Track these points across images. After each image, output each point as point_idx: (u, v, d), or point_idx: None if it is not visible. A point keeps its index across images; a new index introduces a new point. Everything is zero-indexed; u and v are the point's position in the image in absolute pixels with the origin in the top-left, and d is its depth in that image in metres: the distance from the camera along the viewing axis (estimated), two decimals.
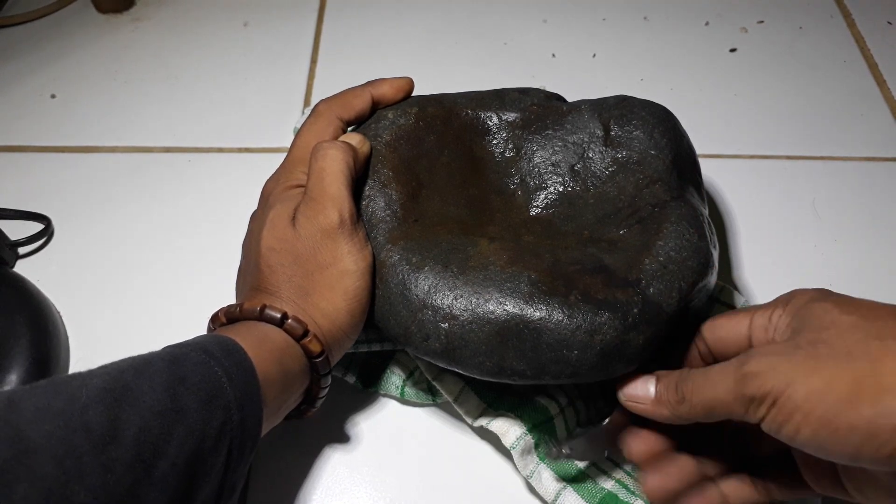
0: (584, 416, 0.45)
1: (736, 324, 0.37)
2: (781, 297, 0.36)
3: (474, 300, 0.38)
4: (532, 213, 0.45)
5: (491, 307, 0.38)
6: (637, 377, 0.38)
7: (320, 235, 0.39)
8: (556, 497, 0.41)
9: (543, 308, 0.37)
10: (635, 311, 0.37)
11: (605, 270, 0.39)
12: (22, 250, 0.54)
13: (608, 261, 0.40)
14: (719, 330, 0.38)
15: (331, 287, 0.39)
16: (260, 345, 0.36)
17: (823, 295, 0.34)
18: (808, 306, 0.34)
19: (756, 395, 0.32)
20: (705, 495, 0.38)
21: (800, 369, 0.31)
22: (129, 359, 0.33)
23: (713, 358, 0.39)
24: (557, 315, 0.37)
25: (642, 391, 0.38)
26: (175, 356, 0.33)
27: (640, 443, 0.39)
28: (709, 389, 0.34)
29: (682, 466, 0.38)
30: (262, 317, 0.38)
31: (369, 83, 0.47)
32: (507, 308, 0.37)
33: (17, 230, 0.54)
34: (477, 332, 0.38)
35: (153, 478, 0.30)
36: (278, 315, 0.38)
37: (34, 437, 0.28)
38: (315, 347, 0.38)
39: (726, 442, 0.39)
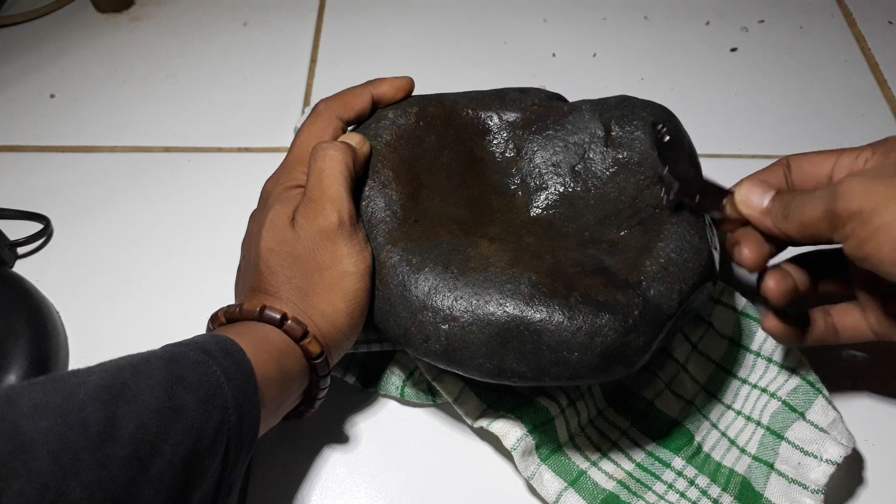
0: (585, 417, 0.45)
1: (821, 161, 0.38)
2: (874, 142, 0.37)
3: (475, 302, 0.38)
4: (532, 213, 0.45)
5: (491, 309, 0.38)
6: (759, 183, 0.39)
7: (319, 237, 0.39)
8: (558, 498, 0.41)
9: (544, 310, 0.37)
10: (636, 312, 0.37)
11: (605, 272, 0.39)
12: (21, 250, 0.54)
13: (609, 262, 0.40)
14: (804, 163, 0.39)
15: (330, 289, 0.39)
16: (259, 345, 0.36)
17: None
18: None
19: (844, 213, 0.33)
20: (785, 324, 0.40)
21: (892, 191, 0.32)
22: (128, 357, 0.33)
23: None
24: (558, 317, 0.37)
25: (757, 199, 0.38)
26: (174, 355, 0.33)
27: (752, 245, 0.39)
28: (807, 207, 0.35)
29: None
30: (261, 317, 0.38)
31: (369, 83, 0.47)
32: (507, 310, 0.37)
33: (16, 230, 0.54)
34: (477, 334, 0.38)
35: (149, 476, 0.30)
36: (278, 316, 0.37)
37: (31, 433, 0.28)
38: (314, 348, 0.38)
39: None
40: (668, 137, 0.43)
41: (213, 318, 0.39)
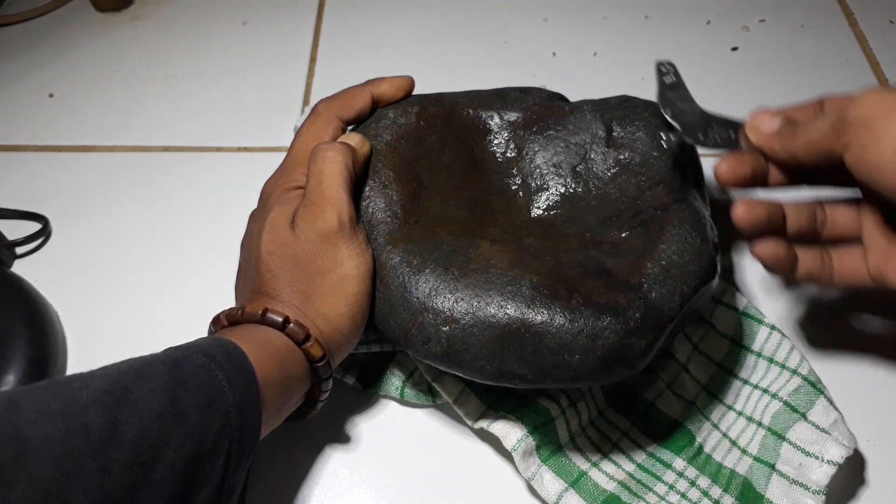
0: (586, 418, 0.45)
1: None
2: None
3: (475, 303, 0.38)
4: (533, 214, 0.45)
5: (492, 311, 0.37)
6: (771, 111, 0.40)
7: (319, 240, 0.39)
8: (558, 499, 0.41)
9: (545, 312, 0.37)
10: (637, 315, 0.37)
11: (606, 273, 0.39)
12: (19, 250, 0.54)
13: (610, 264, 0.40)
14: (836, 100, 0.40)
15: (331, 292, 0.39)
16: (261, 348, 0.36)
17: None
18: None
19: (851, 121, 0.34)
20: (778, 243, 0.39)
21: None
22: (130, 360, 0.33)
23: None
24: (559, 319, 0.37)
25: (768, 123, 0.40)
26: (176, 359, 0.33)
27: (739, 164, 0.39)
28: (817, 124, 0.36)
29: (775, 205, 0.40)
30: (263, 320, 0.38)
31: (369, 82, 0.46)
32: (508, 312, 0.37)
33: (14, 230, 0.54)
34: (478, 336, 0.37)
35: (151, 480, 0.30)
36: (280, 319, 0.37)
37: (33, 438, 0.28)
38: (316, 352, 0.38)
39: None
40: (672, 79, 0.43)
41: (215, 321, 0.39)
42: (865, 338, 0.49)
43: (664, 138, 0.43)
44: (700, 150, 0.47)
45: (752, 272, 0.52)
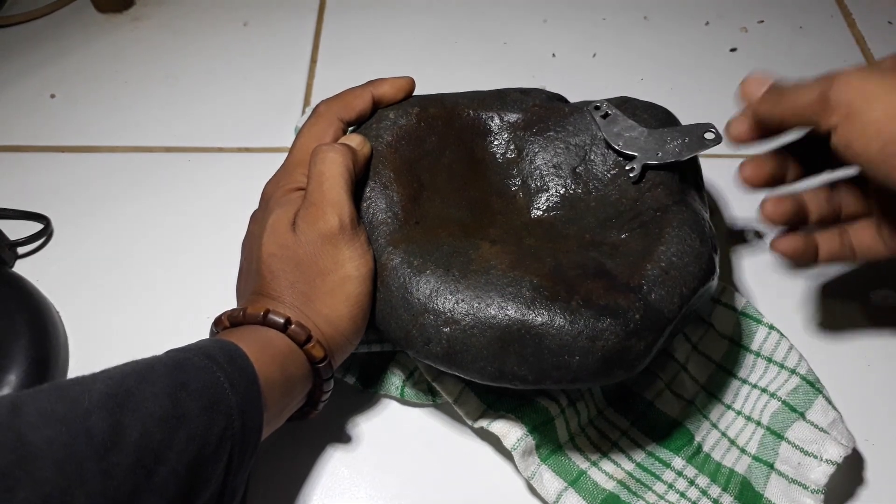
0: (585, 417, 0.45)
1: None
2: None
3: (476, 305, 0.38)
4: (533, 215, 0.45)
5: (492, 312, 0.38)
6: (763, 75, 0.41)
7: (321, 241, 0.39)
8: (558, 498, 0.41)
9: (545, 313, 0.37)
10: (637, 317, 0.37)
11: (606, 275, 0.39)
12: (21, 250, 0.54)
13: (610, 265, 0.40)
14: None
15: (332, 293, 0.39)
16: (263, 350, 0.36)
17: None
18: None
19: (835, 102, 0.34)
20: (797, 237, 0.41)
21: (886, 89, 0.33)
22: (132, 363, 0.33)
23: None
24: (559, 320, 0.37)
25: (757, 87, 0.40)
26: (178, 361, 0.33)
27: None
28: (802, 91, 0.37)
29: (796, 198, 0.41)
30: (265, 322, 0.38)
31: (370, 83, 0.47)
32: (508, 313, 0.37)
33: (16, 230, 0.54)
34: (478, 337, 0.38)
35: (153, 483, 0.30)
36: (281, 320, 0.37)
37: (36, 442, 0.28)
38: (318, 353, 0.38)
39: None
40: (608, 112, 0.45)
41: (217, 322, 0.39)
42: (864, 337, 0.49)
43: (628, 169, 0.44)
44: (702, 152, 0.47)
45: (750, 272, 0.52)
